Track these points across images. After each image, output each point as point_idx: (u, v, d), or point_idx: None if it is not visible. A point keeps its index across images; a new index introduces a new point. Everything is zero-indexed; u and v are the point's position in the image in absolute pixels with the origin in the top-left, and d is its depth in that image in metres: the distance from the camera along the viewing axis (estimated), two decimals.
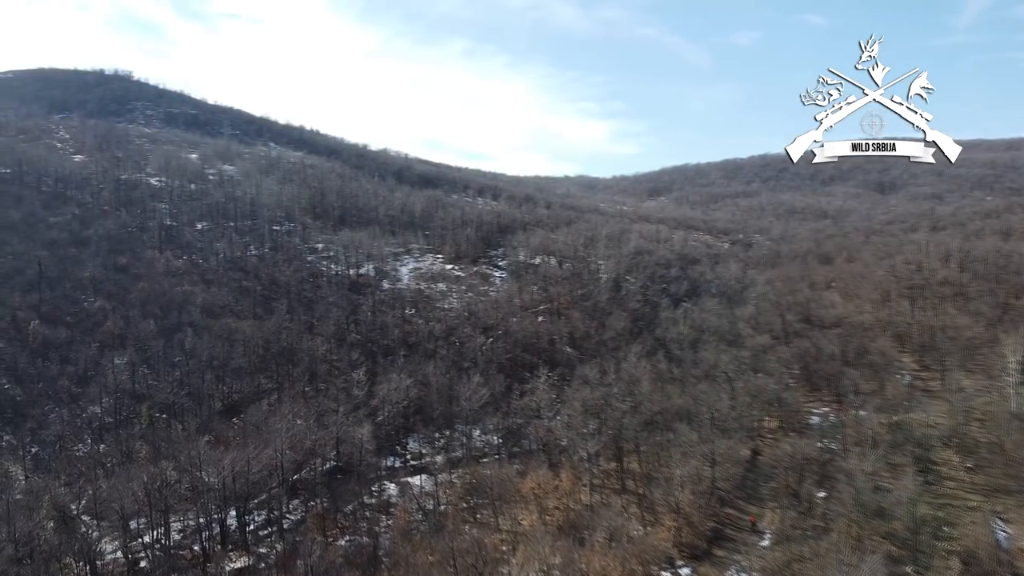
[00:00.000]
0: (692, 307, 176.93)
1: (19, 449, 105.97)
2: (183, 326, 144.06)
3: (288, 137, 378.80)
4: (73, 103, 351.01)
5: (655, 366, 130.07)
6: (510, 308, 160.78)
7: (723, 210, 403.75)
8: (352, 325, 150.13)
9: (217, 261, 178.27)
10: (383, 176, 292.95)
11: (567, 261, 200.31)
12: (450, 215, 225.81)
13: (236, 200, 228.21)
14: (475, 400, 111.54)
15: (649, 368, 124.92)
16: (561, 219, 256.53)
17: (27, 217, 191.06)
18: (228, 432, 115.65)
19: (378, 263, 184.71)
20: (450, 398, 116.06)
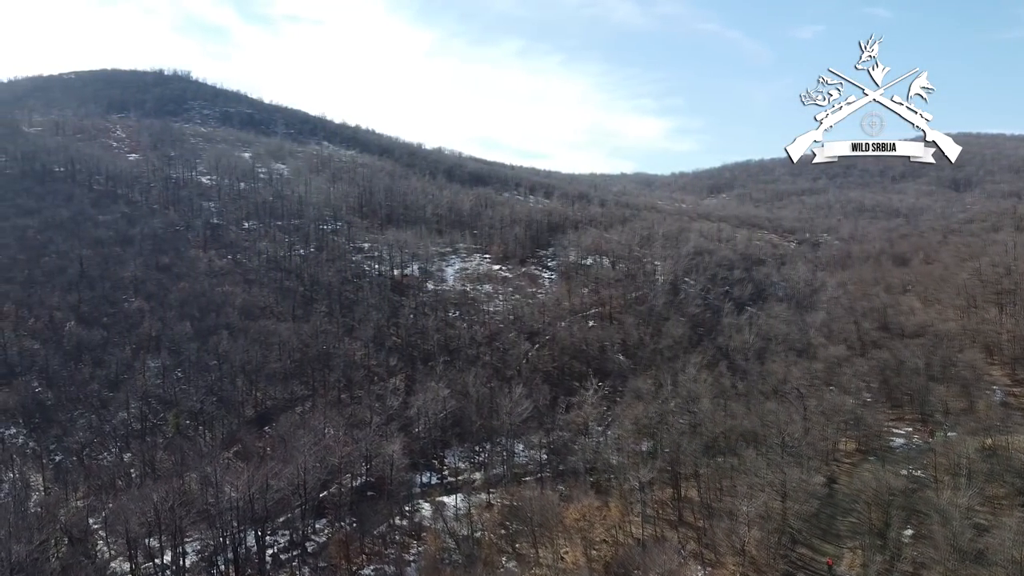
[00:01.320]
0: (757, 312, 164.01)
1: (42, 457, 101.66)
2: (220, 328, 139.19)
3: (342, 136, 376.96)
4: (132, 103, 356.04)
5: (717, 379, 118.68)
6: (558, 312, 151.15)
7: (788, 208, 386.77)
8: (392, 328, 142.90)
9: (259, 261, 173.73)
10: (433, 174, 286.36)
11: (621, 261, 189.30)
12: (498, 213, 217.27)
13: (284, 199, 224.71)
14: (517, 414, 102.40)
15: (710, 382, 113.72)
16: (616, 217, 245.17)
17: (75, 215, 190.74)
18: (257, 443, 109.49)
19: (423, 263, 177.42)
20: (491, 410, 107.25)
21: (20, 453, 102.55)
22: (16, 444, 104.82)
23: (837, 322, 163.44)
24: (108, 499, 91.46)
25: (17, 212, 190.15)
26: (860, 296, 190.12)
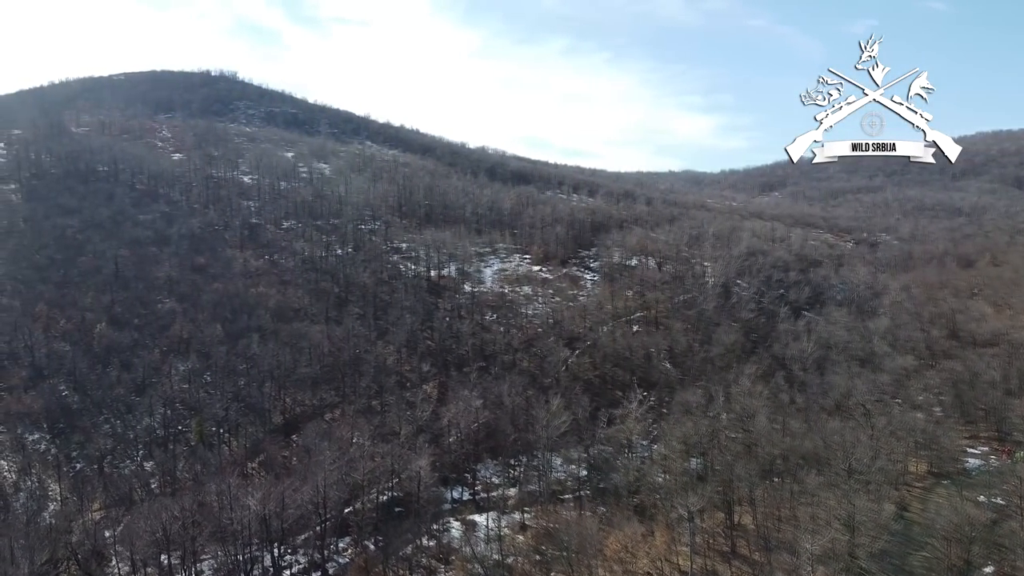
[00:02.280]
0: (815, 318, 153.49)
1: (62, 464, 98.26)
2: (251, 330, 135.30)
3: (385, 135, 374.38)
4: (178, 103, 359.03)
5: (774, 393, 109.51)
6: (600, 316, 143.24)
7: (844, 206, 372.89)
8: (426, 332, 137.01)
9: (295, 261, 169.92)
10: (475, 173, 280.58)
11: (668, 262, 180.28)
12: (540, 212, 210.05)
13: (324, 198, 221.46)
14: (554, 428, 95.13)
15: (766, 395, 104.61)
16: (663, 216, 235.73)
17: (115, 215, 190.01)
18: (283, 452, 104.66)
19: (461, 264, 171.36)
20: (526, 422, 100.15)
21: (42, 459, 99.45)
22: (38, 450, 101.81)
23: (903, 329, 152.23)
24: (125, 512, 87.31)
25: (58, 212, 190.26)
26: (925, 300, 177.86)
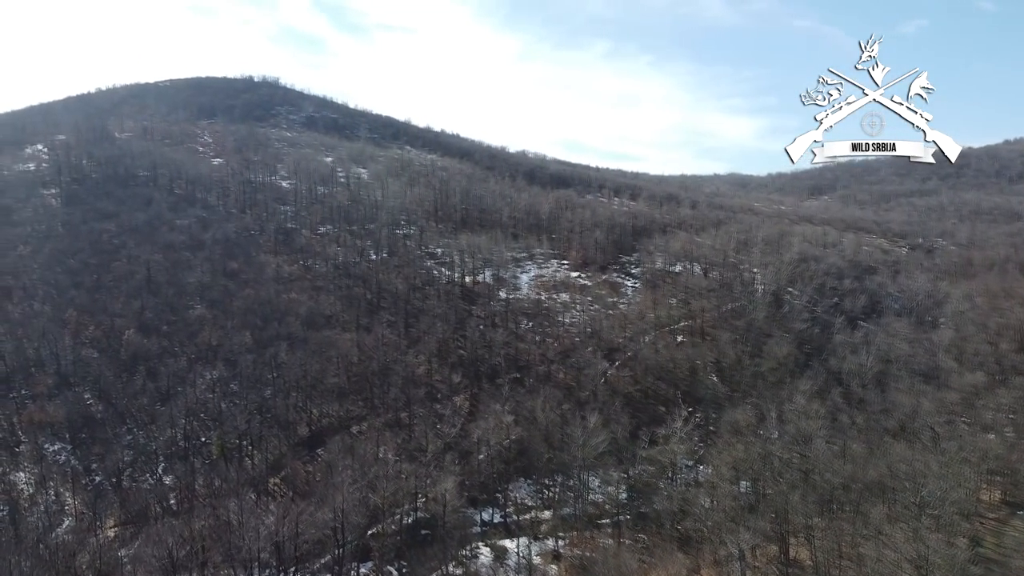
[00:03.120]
0: (873, 329, 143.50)
1: (81, 477, 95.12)
2: (281, 338, 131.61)
3: (424, 140, 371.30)
4: (220, 109, 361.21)
5: (831, 412, 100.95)
6: (642, 325, 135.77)
7: (896, 210, 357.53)
8: (458, 340, 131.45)
9: (328, 267, 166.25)
10: (513, 177, 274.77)
11: (714, 269, 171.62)
12: (579, 216, 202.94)
13: (360, 203, 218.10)
14: (591, 447, 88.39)
15: (823, 414, 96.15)
16: (708, 220, 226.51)
17: (152, 219, 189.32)
18: (306, 468, 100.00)
19: (496, 269, 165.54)
20: (561, 441, 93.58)
21: (61, 471, 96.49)
22: (58, 461, 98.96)
23: (968, 342, 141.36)
24: (138, 530, 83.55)
25: (96, 216, 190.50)
26: (990, 310, 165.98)
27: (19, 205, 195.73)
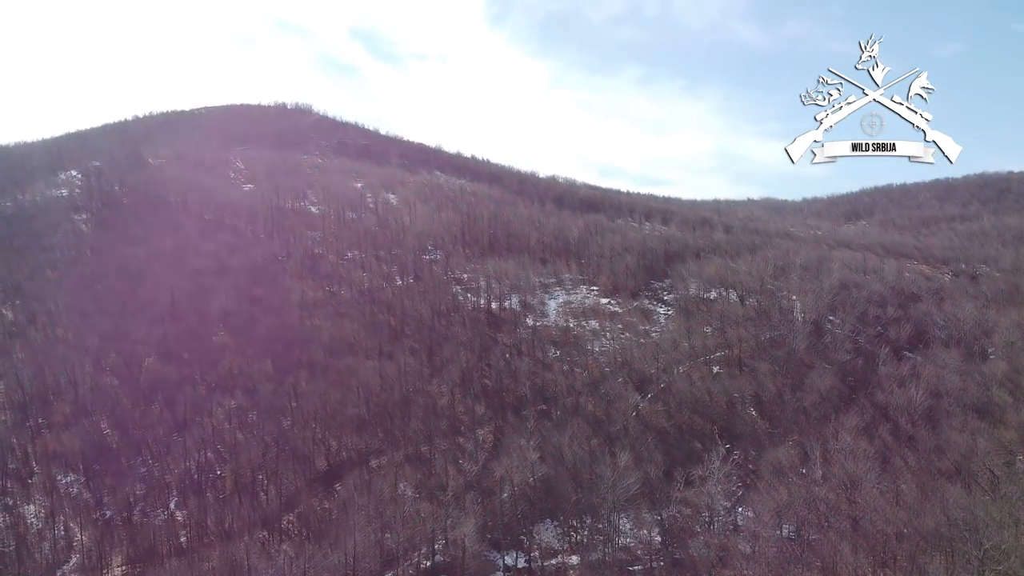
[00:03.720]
0: (921, 360, 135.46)
1: (93, 511, 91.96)
2: (302, 366, 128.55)
3: (454, 165, 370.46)
4: (253, 135, 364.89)
5: (880, 452, 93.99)
6: (675, 355, 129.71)
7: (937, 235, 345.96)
8: (483, 369, 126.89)
9: (352, 292, 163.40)
10: (542, 201, 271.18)
11: (751, 296, 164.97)
12: (609, 241, 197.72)
13: (388, 228, 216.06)
14: (622, 488, 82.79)
15: (872, 453, 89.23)
16: (743, 245, 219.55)
17: (180, 245, 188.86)
18: (322, 505, 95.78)
19: (524, 295, 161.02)
20: (590, 480, 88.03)
21: (73, 504, 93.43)
22: (71, 494, 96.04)
23: (1022, 374, 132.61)
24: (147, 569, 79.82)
25: (125, 241, 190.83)
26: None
27: (49, 230, 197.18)
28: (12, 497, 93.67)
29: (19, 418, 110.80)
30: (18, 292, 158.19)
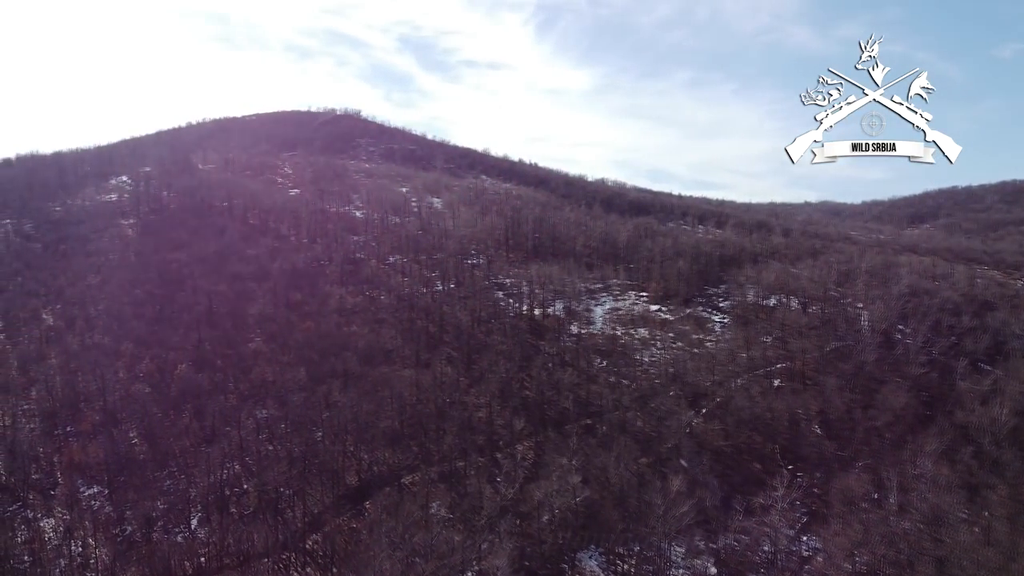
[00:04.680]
0: (1002, 376, 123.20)
1: (113, 526, 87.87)
2: (336, 375, 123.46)
3: (499, 169, 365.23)
4: (302, 141, 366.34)
5: (964, 479, 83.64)
6: (733, 367, 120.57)
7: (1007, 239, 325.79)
8: (524, 380, 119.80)
9: (391, 298, 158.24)
10: (590, 204, 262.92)
11: (814, 303, 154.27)
12: (659, 245, 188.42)
13: (431, 232, 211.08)
14: (674, 517, 74.64)
15: (955, 482, 79.15)
16: (803, 249, 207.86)
17: (222, 250, 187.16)
18: (350, 525, 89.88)
19: (569, 301, 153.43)
20: (639, 508, 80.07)
21: (94, 518, 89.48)
22: (92, 507, 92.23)
23: None
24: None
25: (168, 246, 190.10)
26: None
27: (95, 235, 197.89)
28: (33, 509, 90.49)
29: (48, 426, 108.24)
30: (60, 297, 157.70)
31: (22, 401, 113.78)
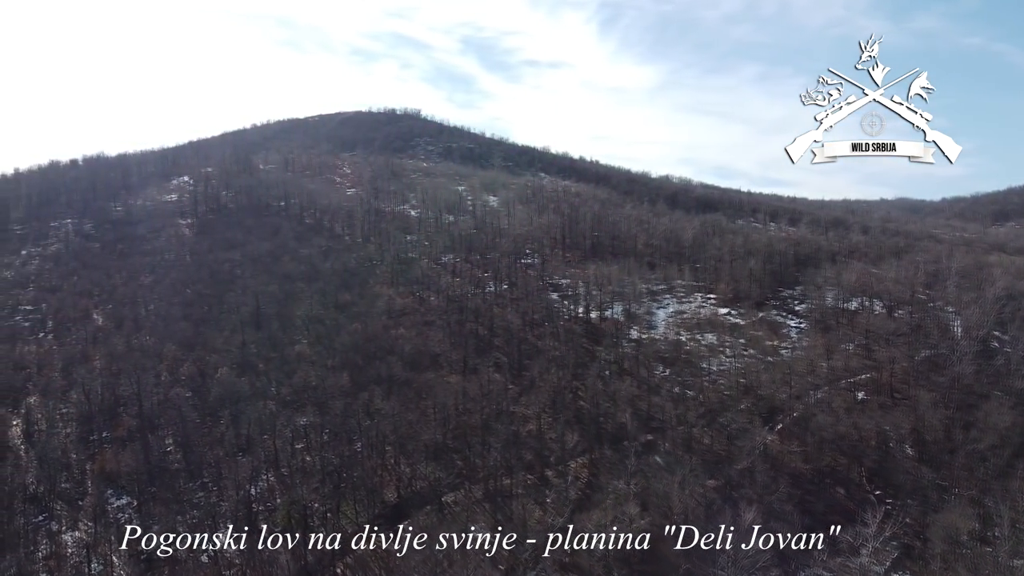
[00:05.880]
0: None
1: (139, 543, 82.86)
2: (379, 380, 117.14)
3: (559, 166, 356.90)
4: (362, 141, 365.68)
5: None
6: (813, 379, 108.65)
7: None
8: (578, 389, 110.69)
9: (440, 299, 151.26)
10: (653, 201, 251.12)
11: (901, 307, 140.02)
12: (728, 243, 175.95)
13: (485, 231, 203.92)
14: (746, 559, 64.41)
15: None
16: (885, 248, 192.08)
17: (276, 249, 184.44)
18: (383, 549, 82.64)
19: (628, 303, 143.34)
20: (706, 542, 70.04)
21: (119, 533, 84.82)
22: (119, 520, 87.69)
23: None
24: None
25: (223, 246, 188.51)
26: None
27: (152, 235, 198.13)
28: (58, 521, 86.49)
29: (84, 431, 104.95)
30: (111, 297, 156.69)
31: (61, 404, 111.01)
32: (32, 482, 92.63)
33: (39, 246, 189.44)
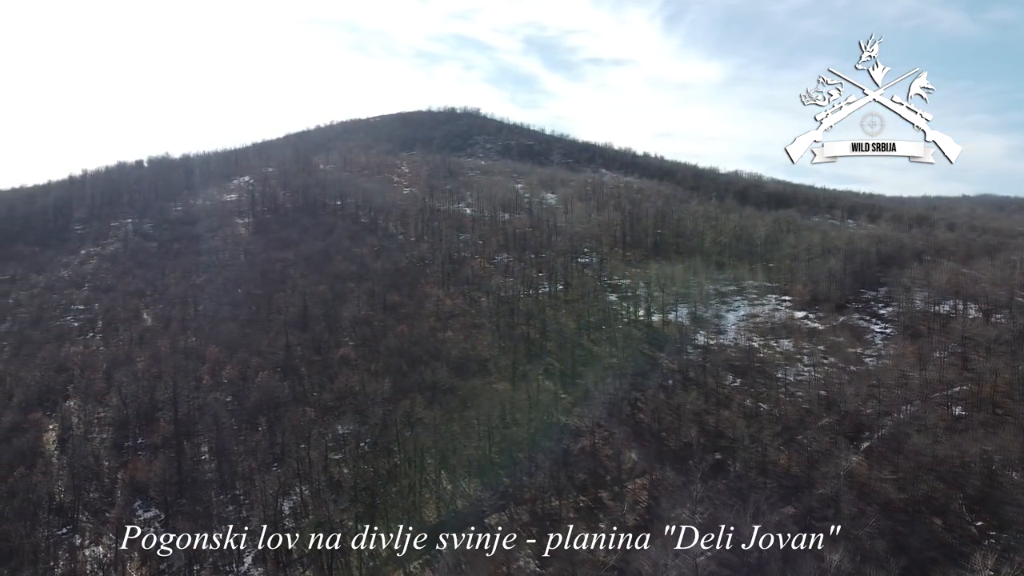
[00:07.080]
0: None
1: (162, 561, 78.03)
2: (423, 387, 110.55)
3: (620, 162, 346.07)
4: (421, 140, 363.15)
5: None
6: (903, 391, 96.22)
7: None
8: (637, 401, 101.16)
9: (491, 301, 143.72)
10: (721, 197, 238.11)
11: (999, 311, 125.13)
12: (804, 241, 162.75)
13: (540, 229, 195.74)
14: None
15: None
16: (976, 247, 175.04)
17: (329, 248, 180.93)
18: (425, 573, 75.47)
19: (695, 306, 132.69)
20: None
21: (141, 551, 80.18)
22: (146, 533, 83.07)
23: None
24: None
25: (277, 245, 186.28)
26: None
27: (210, 234, 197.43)
28: (81, 534, 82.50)
29: (119, 437, 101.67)
30: (163, 296, 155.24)
31: (99, 408, 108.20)
32: (60, 491, 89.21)
33: (98, 246, 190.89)
